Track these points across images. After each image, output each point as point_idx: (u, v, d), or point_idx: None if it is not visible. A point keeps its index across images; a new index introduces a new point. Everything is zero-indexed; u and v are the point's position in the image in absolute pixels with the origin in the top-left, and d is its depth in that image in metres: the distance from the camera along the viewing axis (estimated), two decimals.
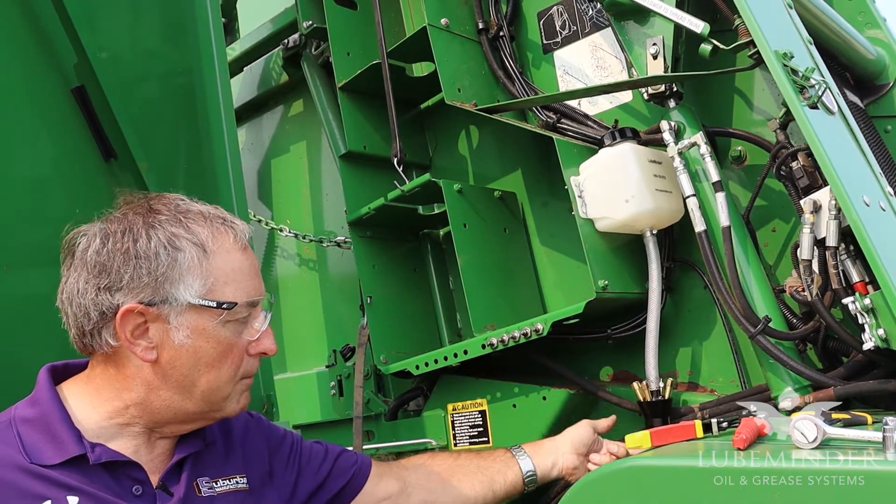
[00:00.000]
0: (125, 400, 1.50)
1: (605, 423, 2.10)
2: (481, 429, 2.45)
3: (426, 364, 2.46)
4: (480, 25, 2.56)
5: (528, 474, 2.01)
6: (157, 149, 2.37)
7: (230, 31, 3.78)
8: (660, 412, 2.11)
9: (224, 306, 1.48)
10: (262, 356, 1.59)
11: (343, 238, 3.04)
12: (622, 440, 1.90)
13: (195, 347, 1.48)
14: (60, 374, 1.57)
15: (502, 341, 2.26)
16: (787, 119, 1.97)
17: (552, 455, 2.03)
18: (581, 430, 2.06)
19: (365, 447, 2.68)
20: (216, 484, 1.59)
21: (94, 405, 1.51)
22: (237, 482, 1.63)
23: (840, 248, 1.81)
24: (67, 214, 2.10)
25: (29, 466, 1.41)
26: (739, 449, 1.47)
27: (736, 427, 1.53)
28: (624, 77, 2.33)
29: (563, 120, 2.38)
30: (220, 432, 1.68)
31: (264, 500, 1.67)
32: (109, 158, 2.24)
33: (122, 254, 1.45)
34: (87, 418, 1.49)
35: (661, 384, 2.11)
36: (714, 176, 2.02)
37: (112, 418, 1.51)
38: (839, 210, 1.79)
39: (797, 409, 1.85)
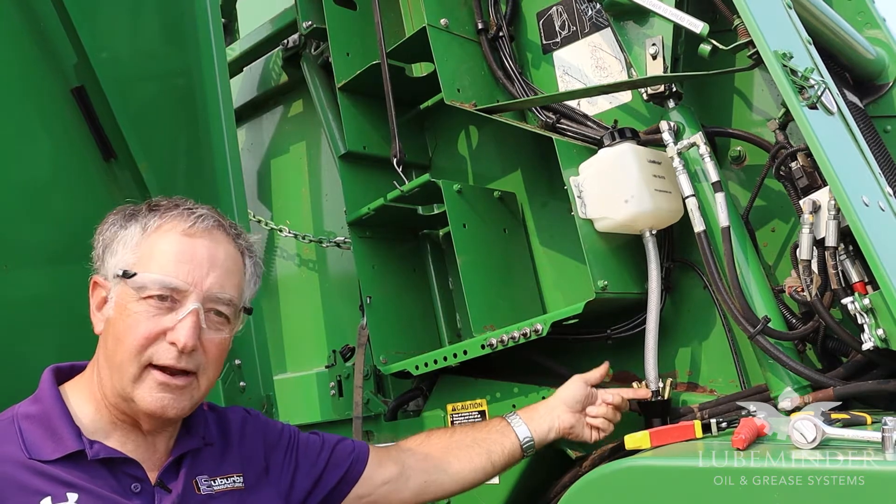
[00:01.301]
0: (97, 384, 1.54)
1: (596, 374, 2.10)
2: None
3: (426, 364, 2.46)
4: (480, 26, 2.56)
5: (526, 441, 2.01)
6: (157, 149, 2.37)
7: (230, 31, 3.79)
8: (659, 412, 2.11)
9: (125, 274, 1.50)
10: (173, 346, 1.50)
11: (343, 238, 3.04)
12: (622, 440, 1.90)
13: (115, 320, 1.52)
14: (66, 375, 1.59)
15: (502, 341, 2.25)
16: (787, 119, 1.97)
17: (547, 418, 2.03)
18: (573, 388, 2.06)
19: None
20: (214, 482, 1.60)
21: (88, 399, 1.54)
22: (234, 481, 1.64)
23: (839, 249, 1.81)
24: (67, 215, 2.11)
25: (28, 462, 1.42)
26: (739, 449, 1.47)
27: (735, 427, 1.53)
28: (623, 77, 2.33)
29: (562, 120, 2.38)
30: (217, 432, 1.69)
31: (260, 499, 1.68)
32: (109, 159, 2.24)
33: (97, 234, 1.60)
34: (85, 415, 1.51)
35: (661, 384, 2.11)
36: (713, 176, 2.02)
37: (99, 411, 1.53)
38: (838, 210, 1.79)
39: (797, 409, 1.84)
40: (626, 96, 2.37)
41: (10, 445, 1.44)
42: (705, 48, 2.01)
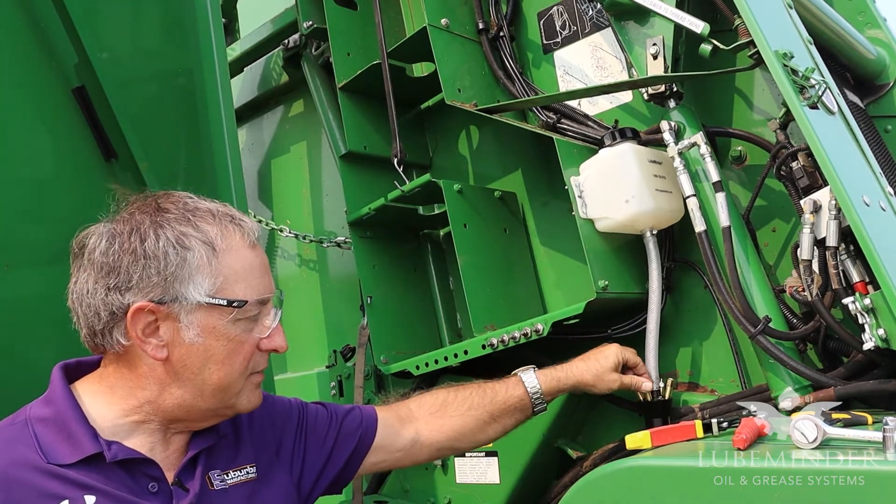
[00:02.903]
0: (139, 398, 1.50)
1: (634, 359, 2.09)
2: None
3: (426, 364, 2.46)
4: (480, 26, 2.56)
5: (536, 400, 2.01)
6: (157, 149, 2.37)
7: (230, 31, 3.79)
8: (660, 412, 2.11)
9: (235, 304, 1.48)
10: (274, 353, 1.60)
11: (343, 238, 3.04)
12: (622, 440, 1.90)
13: (206, 345, 1.48)
14: (73, 373, 1.57)
15: (502, 341, 2.26)
16: (787, 119, 1.97)
17: (569, 383, 2.04)
18: (610, 360, 2.05)
19: None
20: (227, 476, 1.59)
21: (108, 403, 1.51)
22: (247, 472, 1.63)
23: (840, 248, 1.81)
24: (68, 215, 2.10)
25: (46, 466, 1.40)
26: (739, 449, 1.47)
27: (736, 427, 1.53)
28: (624, 77, 2.33)
29: (563, 120, 2.38)
30: (229, 422, 1.67)
31: (273, 485, 1.67)
32: (110, 159, 2.24)
33: (129, 254, 1.45)
34: (102, 416, 1.49)
35: (662, 384, 2.11)
36: (714, 176, 2.02)
37: (127, 416, 1.51)
38: (839, 210, 1.79)
39: (797, 409, 1.85)
40: (626, 96, 2.37)
41: (27, 450, 1.42)
42: (706, 48, 2.01)
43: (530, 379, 2.01)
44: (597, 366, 2.04)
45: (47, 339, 2.02)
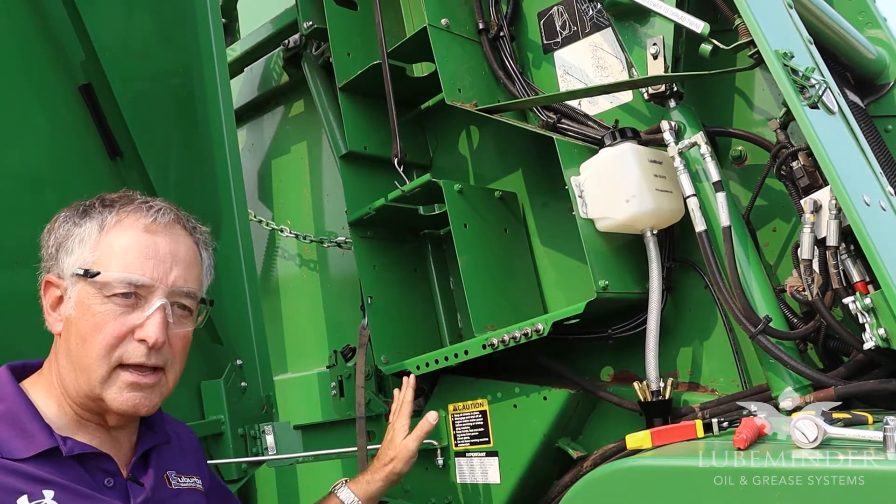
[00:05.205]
0: (57, 384, 1.53)
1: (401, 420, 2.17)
2: (482, 429, 2.45)
3: (427, 364, 2.46)
4: (481, 26, 2.56)
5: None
6: (157, 149, 2.37)
7: (230, 31, 3.79)
8: (660, 412, 2.11)
9: (89, 274, 1.48)
10: (143, 343, 1.50)
11: (344, 238, 3.04)
12: (622, 440, 1.90)
13: (77, 320, 1.49)
14: (19, 374, 1.58)
15: (503, 341, 2.26)
16: (788, 119, 1.97)
17: (377, 477, 2.10)
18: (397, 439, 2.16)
19: (367, 447, 2.68)
20: (181, 480, 1.64)
21: (49, 397, 1.53)
22: (195, 481, 1.68)
23: (840, 248, 1.81)
24: None
25: (1, 462, 1.41)
26: (740, 449, 1.47)
27: (736, 427, 1.53)
28: (624, 77, 2.33)
29: (563, 120, 2.38)
30: (171, 431, 1.72)
31: (211, 500, 1.73)
32: (115, 157, 2.23)
33: (47, 232, 1.57)
34: (51, 411, 1.51)
35: (662, 384, 2.11)
36: (714, 176, 2.02)
37: (62, 408, 1.53)
38: (839, 210, 1.79)
39: (798, 408, 1.85)
40: (626, 96, 2.37)
41: None
42: (706, 48, 2.01)
43: (346, 494, 2.05)
44: (388, 448, 2.13)
45: (40, 337, 2.02)
